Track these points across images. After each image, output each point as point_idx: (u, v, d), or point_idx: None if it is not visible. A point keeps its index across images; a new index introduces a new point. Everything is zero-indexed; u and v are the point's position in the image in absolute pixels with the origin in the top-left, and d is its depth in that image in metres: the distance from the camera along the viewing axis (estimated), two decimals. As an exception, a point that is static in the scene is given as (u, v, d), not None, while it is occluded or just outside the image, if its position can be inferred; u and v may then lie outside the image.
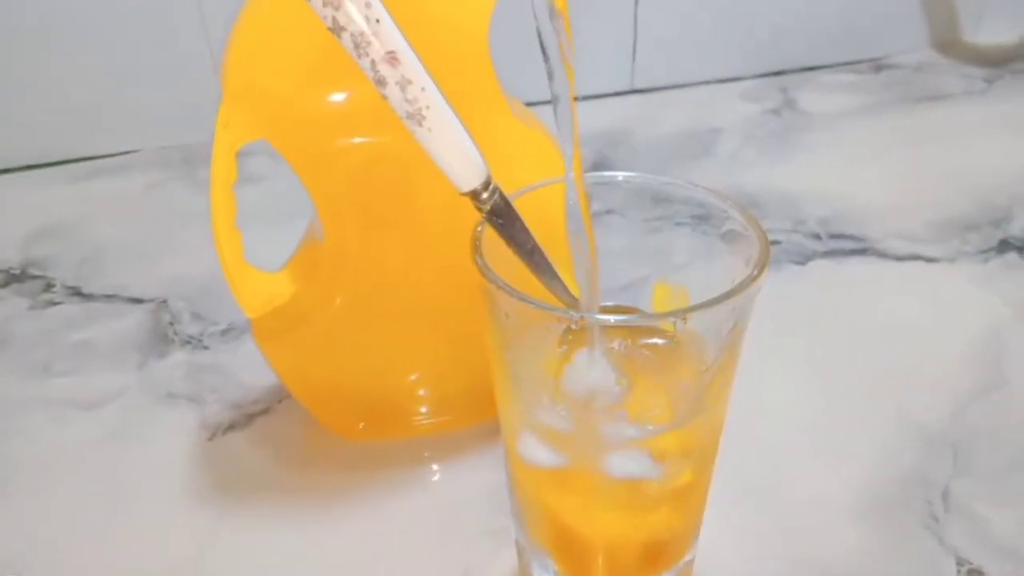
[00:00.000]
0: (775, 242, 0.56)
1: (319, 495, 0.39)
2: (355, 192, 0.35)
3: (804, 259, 0.54)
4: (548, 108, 0.28)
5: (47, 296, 0.54)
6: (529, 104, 0.40)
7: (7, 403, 0.45)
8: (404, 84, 0.23)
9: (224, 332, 0.50)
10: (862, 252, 0.55)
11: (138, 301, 0.53)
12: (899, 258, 0.54)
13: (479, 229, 0.27)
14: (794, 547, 0.35)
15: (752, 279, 0.25)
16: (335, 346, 0.38)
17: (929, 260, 0.53)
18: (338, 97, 0.33)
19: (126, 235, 0.60)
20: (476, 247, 0.27)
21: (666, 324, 0.24)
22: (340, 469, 0.40)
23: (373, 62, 0.23)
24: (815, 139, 0.69)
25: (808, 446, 0.40)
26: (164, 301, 0.53)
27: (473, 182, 0.25)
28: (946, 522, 0.36)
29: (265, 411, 0.44)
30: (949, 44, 0.85)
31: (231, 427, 0.43)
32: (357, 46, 0.22)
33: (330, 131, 0.33)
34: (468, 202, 0.31)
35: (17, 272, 0.56)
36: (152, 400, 0.45)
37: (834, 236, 0.56)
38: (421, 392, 0.40)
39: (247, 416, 0.43)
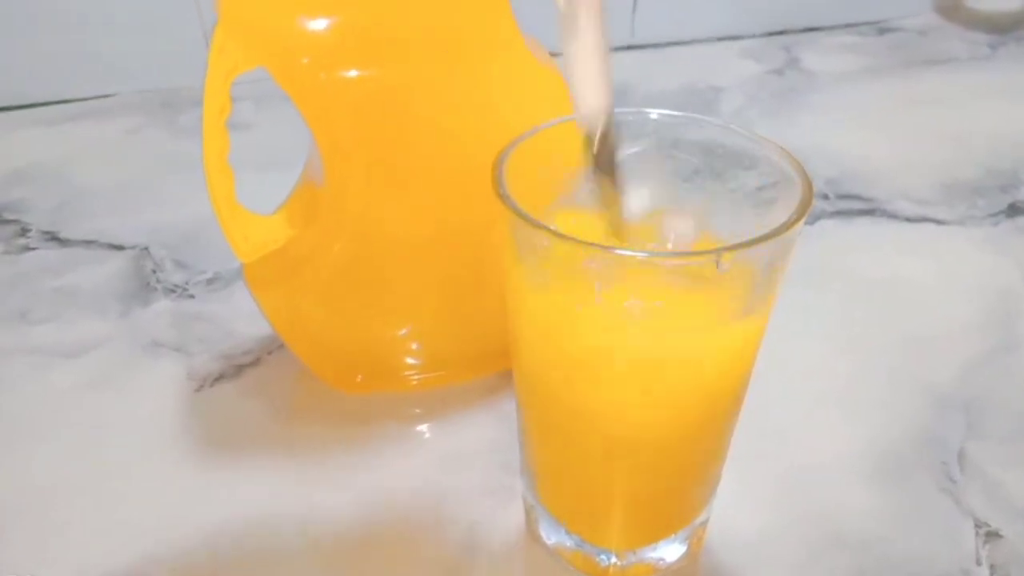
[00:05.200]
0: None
1: (313, 448, 0.37)
2: (358, 129, 0.32)
3: (812, 219, 0.53)
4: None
5: (22, 241, 0.51)
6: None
7: (-19, 350, 0.43)
8: None
9: (210, 281, 0.47)
10: (870, 213, 0.53)
11: (118, 248, 0.50)
12: (908, 219, 0.53)
13: (501, 159, 0.25)
14: (809, 510, 0.34)
15: (793, 222, 0.24)
16: (332, 294, 0.36)
17: (938, 222, 0.52)
18: (344, 24, 0.31)
19: (104, 180, 0.57)
20: (498, 179, 0.25)
21: (703, 265, 0.23)
22: (335, 422, 0.38)
23: None
24: (819, 100, 0.68)
25: (818, 408, 0.39)
26: (146, 248, 0.50)
27: (593, 124, 0.24)
28: (963, 484, 0.35)
29: (255, 362, 0.42)
30: (952, 9, 0.84)
31: (220, 378, 0.41)
32: None
33: (334, 60, 0.31)
34: (474, 144, 0.29)
35: (-10, 215, 0.53)
36: (136, 349, 0.43)
37: (842, 196, 0.55)
38: (420, 344, 0.38)
39: (236, 367, 0.41)
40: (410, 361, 0.39)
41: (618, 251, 0.23)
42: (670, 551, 0.31)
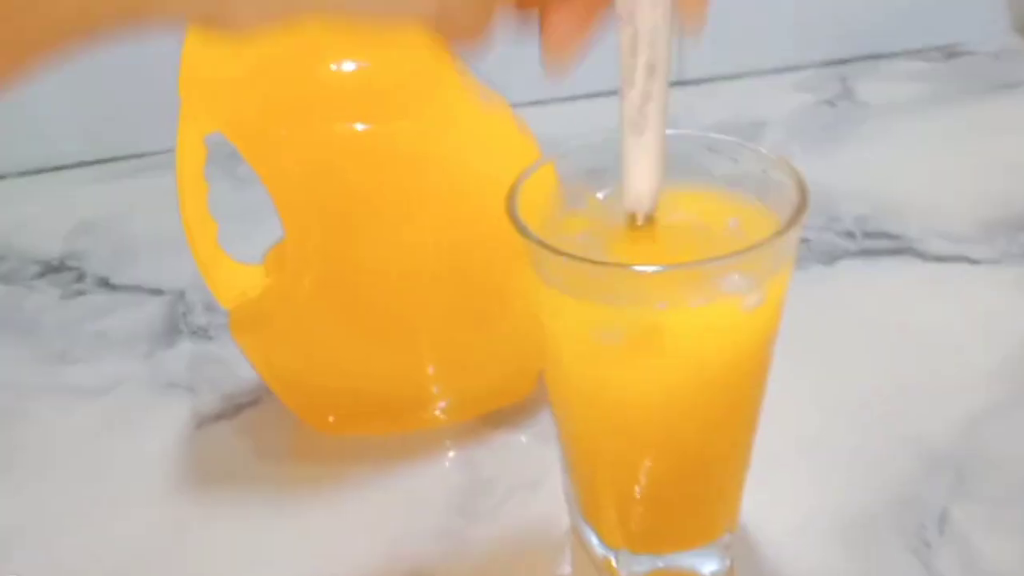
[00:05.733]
0: (804, 240, 0.52)
1: (297, 487, 0.39)
2: (309, 184, 0.34)
3: (832, 259, 0.50)
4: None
5: (78, 286, 0.56)
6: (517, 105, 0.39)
7: (22, 388, 0.47)
8: (646, 97, 0.24)
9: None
10: (898, 252, 0.50)
11: (158, 292, 0.54)
12: (938, 259, 0.49)
13: (515, 187, 0.27)
14: (768, 565, 0.33)
15: (789, 226, 0.25)
16: (301, 340, 0.38)
17: (971, 262, 0.49)
18: (288, 85, 0.33)
19: (160, 229, 0.61)
20: (512, 208, 0.26)
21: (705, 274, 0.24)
22: (322, 462, 0.40)
23: (634, 65, 0.23)
24: (868, 131, 0.65)
25: (808, 458, 0.37)
26: (182, 293, 0.54)
27: (641, 207, 0.26)
28: (938, 548, 0.33)
29: (254, 402, 0.44)
30: (1036, 28, 0.78)
31: (219, 417, 0.43)
32: (634, 45, 0.23)
33: (279, 119, 0.33)
34: (422, 191, 0.31)
35: (56, 263, 0.58)
36: (152, 389, 0.46)
37: (869, 235, 0.52)
38: (389, 388, 0.40)
39: (236, 407, 0.44)
40: (383, 403, 0.40)
41: (629, 268, 0.24)
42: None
